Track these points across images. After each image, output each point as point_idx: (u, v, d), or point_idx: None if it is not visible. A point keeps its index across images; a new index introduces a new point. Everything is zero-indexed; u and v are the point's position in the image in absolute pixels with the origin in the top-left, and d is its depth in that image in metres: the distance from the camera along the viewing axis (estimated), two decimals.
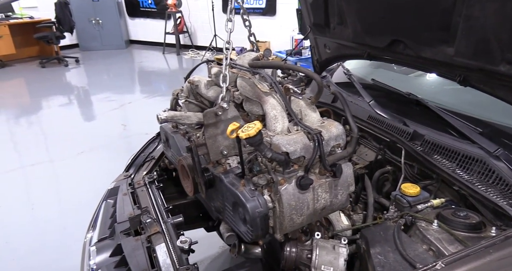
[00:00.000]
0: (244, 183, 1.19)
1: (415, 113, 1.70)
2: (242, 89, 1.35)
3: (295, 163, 1.18)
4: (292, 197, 1.16)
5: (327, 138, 1.21)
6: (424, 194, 1.38)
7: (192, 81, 1.51)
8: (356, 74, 2.18)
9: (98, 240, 1.45)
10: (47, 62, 8.60)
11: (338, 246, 1.21)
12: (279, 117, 1.23)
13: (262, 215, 1.15)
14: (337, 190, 1.25)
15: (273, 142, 1.15)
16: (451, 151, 1.41)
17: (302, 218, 1.20)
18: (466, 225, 1.16)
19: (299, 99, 1.29)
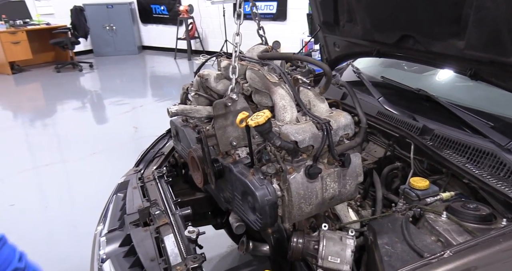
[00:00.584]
0: (253, 172, 1.20)
1: (425, 109, 1.69)
2: (251, 80, 1.36)
3: (303, 152, 1.19)
4: (300, 186, 1.16)
5: (336, 127, 1.22)
6: (434, 188, 1.36)
7: (201, 75, 1.53)
8: (366, 73, 2.18)
9: (108, 231, 1.46)
10: (62, 67, 8.78)
11: (346, 237, 1.20)
12: (288, 107, 1.24)
13: (271, 203, 1.15)
14: (346, 180, 1.26)
15: (282, 131, 1.17)
16: (461, 145, 1.39)
17: (310, 207, 1.21)
18: (476, 217, 1.14)
19: (308, 89, 1.30)
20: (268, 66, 1.36)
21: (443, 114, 1.59)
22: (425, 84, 2.02)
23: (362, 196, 1.64)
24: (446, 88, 1.97)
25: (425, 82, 2.09)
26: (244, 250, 2.05)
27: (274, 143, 1.12)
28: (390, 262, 1.06)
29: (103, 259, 1.32)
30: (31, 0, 9.17)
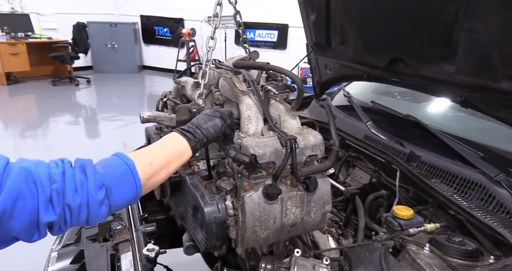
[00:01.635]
0: (206, 185, 1.11)
1: (414, 136, 1.62)
2: (222, 88, 1.28)
3: (264, 169, 1.10)
4: (256, 206, 1.06)
5: (303, 146, 1.12)
6: (418, 218, 1.27)
7: (178, 81, 1.46)
8: (357, 98, 2.13)
9: (62, 246, 1.34)
10: (59, 80, 8.75)
11: (319, 265, 1.10)
12: (253, 118, 1.15)
13: (219, 222, 1.05)
14: (310, 206, 1.15)
15: (243, 143, 1.08)
16: (449, 174, 1.31)
17: (267, 233, 1.10)
18: (461, 252, 1.04)
19: (280, 103, 1.22)
20: (240, 75, 1.29)
21: (432, 141, 1.52)
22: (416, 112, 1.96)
23: (343, 224, 1.54)
24: (437, 116, 1.92)
25: (416, 111, 2.03)
26: None
27: (228, 153, 1.03)
28: None
29: None
30: (35, 15, 9.28)
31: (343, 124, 1.83)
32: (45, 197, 0.69)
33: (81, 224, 0.76)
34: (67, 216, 0.72)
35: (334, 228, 1.52)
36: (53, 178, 0.71)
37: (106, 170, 0.78)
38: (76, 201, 0.72)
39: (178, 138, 0.93)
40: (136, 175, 0.80)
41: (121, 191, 0.78)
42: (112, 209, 0.78)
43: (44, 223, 0.69)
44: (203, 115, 1.02)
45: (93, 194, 0.74)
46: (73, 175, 0.74)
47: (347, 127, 1.77)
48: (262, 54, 1.33)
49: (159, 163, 0.86)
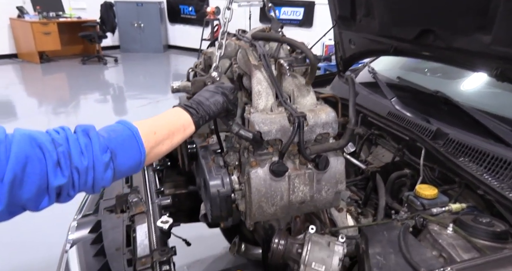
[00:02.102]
0: (214, 159, 1.10)
1: (442, 113, 1.53)
2: (239, 61, 1.24)
3: (271, 146, 1.07)
4: (262, 182, 1.05)
5: (312, 123, 1.07)
6: (443, 198, 1.20)
7: (205, 52, 1.44)
8: (383, 74, 2.03)
9: (82, 216, 1.37)
10: (88, 59, 8.94)
11: (334, 243, 1.06)
12: (263, 93, 1.11)
13: (223, 196, 1.06)
14: (321, 185, 1.11)
15: (250, 119, 1.05)
16: (479, 152, 1.23)
17: (274, 208, 1.08)
18: (488, 233, 0.98)
19: (294, 78, 1.17)
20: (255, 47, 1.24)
21: (462, 118, 1.42)
22: (447, 89, 1.85)
23: (362, 202, 1.49)
24: (470, 93, 1.80)
25: (447, 87, 1.92)
26: (235, 251, 1.91)
27: (232, 129, 1.02)
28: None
29: (71, 244, 1.22)
30: None
31: (366, 100, 1.75)
32: (53, 161, 0.68)
33: (87, 189, 0.75)
34: (75, 179, 0.71)
35: (353, 207, 1.48)
36: (57, 142, 0.70)
37: (110, 134, 0.78)
38: (83, 163, 0.71)
39: (182, 113, 0.93)
40: (140, 141, 0.80)
41: (126, 156, 0.78)
42: (116, 174, 0.78)
43: (54, 187, 0.69)
44: (205, 92, 1.01)
45: (99, 156, 0.73)
46: (77, 139, 0.73)
47: (370, 104, 1.70)
48: (288, 33, 1.26)
49: (162, 133, 0.86)
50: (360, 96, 1.81)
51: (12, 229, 2.74)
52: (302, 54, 1.26)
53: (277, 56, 1.24)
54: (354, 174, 1.73)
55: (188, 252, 2.29)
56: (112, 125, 0.83)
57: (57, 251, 1.33)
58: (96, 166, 0.73)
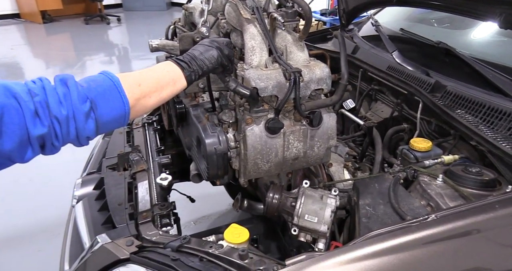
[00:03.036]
0: (208, 117, 1.10)
1: (443, 64, 1.50)
2: (228, 16, 1.19)
3: (266, 103, 1.06)
4: (258, 139, 1.05)
5: (307, 79, 1.06)
6: (437, 150, 1.22)
7: (186, 7, 1.37)
8: (387, 27, 1.96)
9: (87, 174, 1.42)
10: (90, 19, 8.76)
11: (327, 196, 1.10)
12: (257, 49, 1.08)
13: (220, 153, 1.06)
14: (314, 141, 1.12)
15: (245, 76, 1.03)
16: (476, 103, 1.22)
17: (269, 165, 1.10)
18: (476, 182, 1.00)
19: (287, 33, 1.13)
20: (247, 1, 1.19)
21: (462, 69, 1.40)
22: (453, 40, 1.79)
23: (359, 157, 1.51)
24: (477, 43, 1.74)
25: (454, 38, 1.85)
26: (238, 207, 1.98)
27: (228, 86, 1.00)
28: (367, 224, 0.95)
29: (77, 200, 1.28)
30: None
31: (367, 55, 1.71)
32: (30, 111, 0.68)
33: (72, 140, 0.75)
34: (57, 129, 0.71)
35: (350, 162, 1.51)
36: (33, 92, 0.70)
37: (90, 84, 0.77)
38: (63, 113, 0.71)
39: (172, 66, 0.91)
40: (122, 91, 0.79)
41: (107, 106, 0.77)
42: (99, 125, 0.77)
43: (35, 137, 0.69)
44: (199, 46, 0.98)
45: (78, 106, 0.73)
46: (54, 89, 0.72)
47: (371, 58, 1.66)
48: None
49: (148, 86, 0.85)
50: (361, 50, 1.77)
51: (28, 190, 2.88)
52: (293, 8, 1.22)
53: (267, 10, 1.20)
54: (353, 130, 1.74)
55: (194, 209, 2.39)
56: (93, 75, 0.82)
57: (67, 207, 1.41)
58: (77, 116, 0.73)
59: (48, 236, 2.38)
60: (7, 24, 8.62)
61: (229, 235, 0.97)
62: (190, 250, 0.91)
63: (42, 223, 2.53)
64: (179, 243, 0.93)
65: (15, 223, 2.56)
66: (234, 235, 0.97)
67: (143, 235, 0.99)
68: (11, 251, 2.33)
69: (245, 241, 0.96)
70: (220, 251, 0.89)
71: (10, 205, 2.73)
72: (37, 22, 8.55)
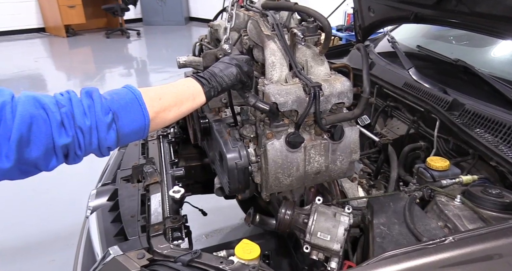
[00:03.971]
0: (229, 132, 1.11)
1: (461, 82, 1.48)
2: (250, 32, 1.22)
3: (286, 117, 1.07)
4: (279, 154, 1.05)
5: (328, 93, 1.05)
6: (455, 170, 1.19)
7: (211, 25, 1.41)
8: (403, 43, 1.96)
9: (101, 185, 1.44)
10: (111, 33, 9.01)
11: (340, 213, 1.07)
12: (277, 64, 1.09)
13: (241, 168, 1.07)
14: (336, 155, 1.11)
15: (265, 91, 1.04)
16: (495, 122, 1.19)
17: (290, 179, 1.09)
18: (496, 204, 0.97)
19: (307, 48, 1.14)
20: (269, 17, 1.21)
21: (481, 88, 1.38)
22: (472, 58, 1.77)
23: (374, 175, 1.49)
24: (495, 62, 1.72)
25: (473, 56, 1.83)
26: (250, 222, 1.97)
27: (248, 101, 1.01)
28: (381, 244, 0.93)
29: (91, 211, 1.30)
30: None
31: (383, 71, 1.70)
32: (57, 121, 0.72)
33: (94, 150, 0.78)
34: (80, 139, 0.75)
35: (365, 179, 1.48)
36: (60, 104, 0.74)
37: (113, 97, 0.81)
38: (86, 123, 0.75)
39: (192, 82, 0.94)
40: (143, 105, 0.82)
41: (128, 118, 0.80)
42: (120, 136, 0.80)
43: (59, 146, 0.72)
44: (219, 63, 1.01)
45: (101, 117, 0.76)
46: (80, 101, 0.77)
47: (387, 75, 1.65)
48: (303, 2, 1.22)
49: (168, 100, 0.88)
50: (377, 67, 1.77)
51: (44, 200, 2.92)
52: (314, 23, 1.23)
53: (288, 26, 1.21)
54: (368, 146, 1.72)
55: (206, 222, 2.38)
56: (117, 88, 0.85)
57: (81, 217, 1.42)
58: (99, 126, 0.76)
59: (61, 246, 2.40)
60: (32, 37, 8.94)
61: (240, 251, 0.96)
62: (201, 265, 0.90)
63: (56, 233, 2.56)
64: (190, 258, 0.92)
65: (29, 232, 2.59)
66: (245, 251, 0.96)
67: (154, 248, 0.99)
68: (25, 261, 2.35)
69: (256, 257, 0.95)
70: (230, 267, 0.88)
71: (25, 214, 2.77)
72: (61, 36, 8.85)
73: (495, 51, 1.77)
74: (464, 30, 1.58)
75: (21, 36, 8.91)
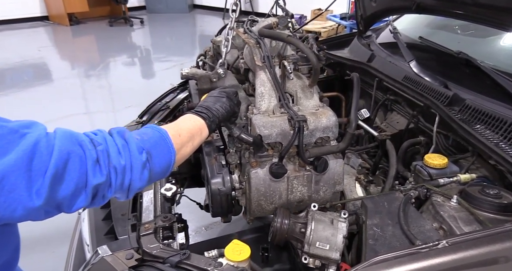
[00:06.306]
0: (216, 157, 1.14)
1: (463, 76, 1.43)
2: (245, 57, 1.26)
3: (271, 148, 1.09)
4: (262, 182, 1.08)
5: (313, 128, 1.07)
6: (453, 167, 1.15)
7: (214, 41, 1.42)
8: (406, 34, 1.90)
9: None
10: (114, 21, 8.95)
11: (337, 220, 1.04)
12: (266, 95, 1.13)
13: (223, 194, 1.10)
14: (319, 186, 1.13)
15: (252, 121, 1.08)
16: (496, 119, 1.15)
17: (273, 206, 1.12)
18: (494, 205, 0.94)
19: (298, 79, 1.16)
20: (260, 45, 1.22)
21: (483, 82, 1.33)
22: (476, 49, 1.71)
23: (371, 171, 1.46)
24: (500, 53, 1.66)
25: (477, 47, 1.77)
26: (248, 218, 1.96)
27: (233, 133, 1.04)
28: (374, 247, 0.90)
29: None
30: None
31: (383, 64, 1.66)
32: (93, 159, 0.69)
33: (123, 191, 0.76)
34: (113, 179, 0.72)
35: (363, 175, 1.46)
36: (96, 142, 0.72)
37: (142, 136, 0.81)
38: (121, 162, 0.73)
39: (196, 118, 0.97)
40: (170, 142, 0.84)
41: (160, 156, 0.81)
42: (152, 175, 0.80)
43: (92, 186, 0.69)
44: (210, 97, 1.05)
45: (136, 156, 0.75)
46: (113, 140, 0.75)
47: (386, 68, 1.61)
48: None
49: (185, 136, 0.90)
50: (377, 59, 1.72)
51: None
52: None
53: (283, 54, 1.23)
54: (368, 140, 1.68)
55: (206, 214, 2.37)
56: (142, 129, 0.87)
57: None
58: (134, 166, 0.75)
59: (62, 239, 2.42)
60: (36, 26, 8.91)
61: (229, 252, 0.95)
62: (189, 267, 0.89)
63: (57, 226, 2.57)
64: (179, 259, 0.91)
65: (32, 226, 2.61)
66: (234, 252, 0.95)
67: (144, 248, 0.98)
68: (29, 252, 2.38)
69: (246, 259, 0.93)
70: (219, 269, 0.87)
71: None
72: (64, 24, 8.81)
73: (502, 41, 1.71)
74: (466, 20, 1.52)
75: (25, 25, 8.89)
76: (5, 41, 7.79)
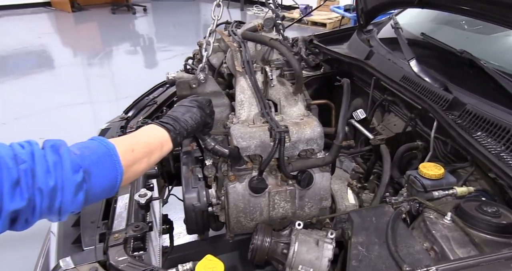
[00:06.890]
0: (192, 170, 1.05)
1: (466, 77, 1.33)
2: (228, 61, 1.18)
3: (251, 161, 1.00)
4: (241, 198, 0.99)
5: (296, 139, 0.98)
6: (449, 178, 1.06)
7: (200, 43, 1.34)
8: (408, 29, 1.79)
9: None
10: (117, 8, 8.84)
11: (323, 241, 0.96)
12: (245, 103, 1.04)
13: (198, 210, 1.02)
14: (304, 201, 1.04)
15: (230, 131, 0.99)
16: (498, 127, 1.06)
17: (254, 223, 1.04)
18: (492, 225, 0.85)
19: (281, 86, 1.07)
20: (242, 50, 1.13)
21: (486, 84, 1.23)
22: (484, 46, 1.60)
23: (364, 178, 1.38)
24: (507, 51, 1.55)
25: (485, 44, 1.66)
26: None
27: (207, 144, 0.96)
28: (357, 269, 0.82)
29: None
30: None
31: (381, 62, 1.56)
32: (11, 180, 0.58)
33: (52, 215, 0.65)
34: (37, 203, 0.61)
35: (356, 180, 1.37)
36: (20, 158, 0.60)
37: (83, 152, 0.69)
38: (49, 183, 0.62)
39: (158, 130, 0.87)
40: (117, 159, 0.72)
41: (101, 175, 0.69)
42: (88, 197, 0.68)
43: (8, 212, 0.58)
44: (180, 107, 0.95)
45: (69, 176, 0.64)
46: (44, 156, 0.63)
47: (384, 66, 1.51)
48: None
49: (140, 151, 0.80)
50: (375, 56, 1.62)
51: None
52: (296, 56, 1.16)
53: (267, 58, 1.13)
54: (364, 143, 1.59)
55: None
56: (86, 141, 0.74)
57: None
58: (66, 187, 0.63)
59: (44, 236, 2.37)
60: (38, 12, 8.82)
61: (201, 269, 0.87)
62: None
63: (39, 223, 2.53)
64: None
65: None
66: (206, 269, 0.87)
67: (111, 261, 0.91)
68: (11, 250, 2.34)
69: None
70: None
71: None
72: (66, 11, 8.71)
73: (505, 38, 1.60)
74: (470, 16, 1.41)
75: (27, 10, 8.80)
76: (5, 27, 7.72)
